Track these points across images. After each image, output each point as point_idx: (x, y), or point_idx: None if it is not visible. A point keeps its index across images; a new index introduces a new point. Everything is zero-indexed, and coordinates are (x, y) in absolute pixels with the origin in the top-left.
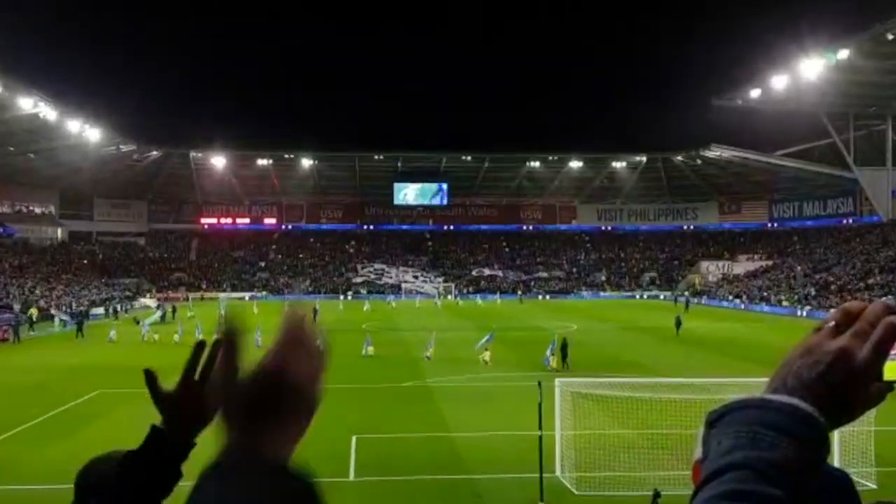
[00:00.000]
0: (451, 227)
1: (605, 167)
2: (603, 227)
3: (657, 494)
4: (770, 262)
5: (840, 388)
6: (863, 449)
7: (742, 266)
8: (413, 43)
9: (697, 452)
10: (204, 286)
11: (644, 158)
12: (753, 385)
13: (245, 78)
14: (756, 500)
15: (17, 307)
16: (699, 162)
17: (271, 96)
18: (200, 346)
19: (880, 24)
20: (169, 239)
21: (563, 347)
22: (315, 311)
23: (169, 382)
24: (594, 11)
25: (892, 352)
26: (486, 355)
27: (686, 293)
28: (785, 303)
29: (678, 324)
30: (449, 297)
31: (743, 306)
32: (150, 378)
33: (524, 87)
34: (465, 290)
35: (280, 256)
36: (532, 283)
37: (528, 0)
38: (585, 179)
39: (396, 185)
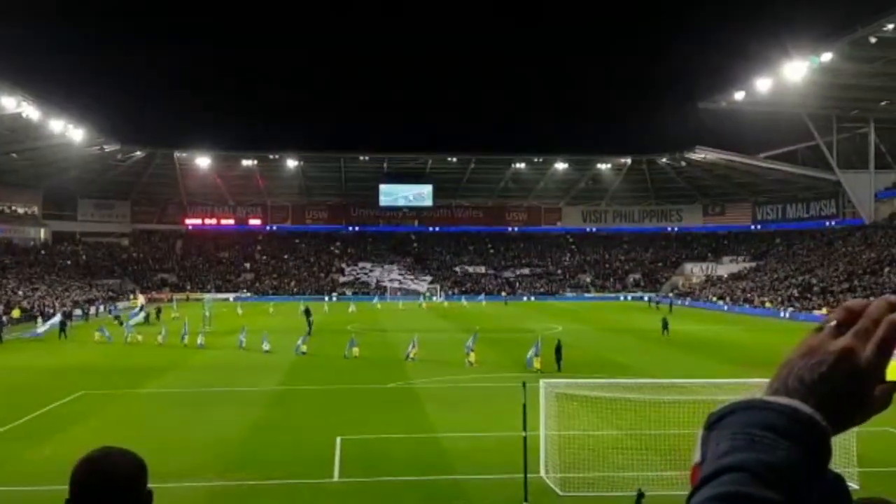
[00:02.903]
0: (437, 229)
1: (589, 169)
2: (588, 229)
3: (641, 494)
4: (753, 264)
5: (843, 389)
6: (846, 448)
7: (726, 268)
8: (399, 45)
9: (696, 455)
10: (188, 287)
11: (629, 160)
12: (739, 386)
13: (230, 78)
14: (751, 503)
15: None
16: (684, 164)
17: (256, 96)
18: None
19: (862, 27)
20: (153, 240)
21: (558, 350)
22: (308, 311)
23: (153, 383)
24: (579, 14)
25: None
26: (472, 357)
27: (671, 294)
28: (768, 304)
29: (665, 325)
30: (435, 298)
31: (726, 308)
32: None
33: (509, 89)
34: (449, 292)
35: (265, 258)
36: (517, 285)
37: (514, 4)
38: (570, 181)
39: (381, 187)
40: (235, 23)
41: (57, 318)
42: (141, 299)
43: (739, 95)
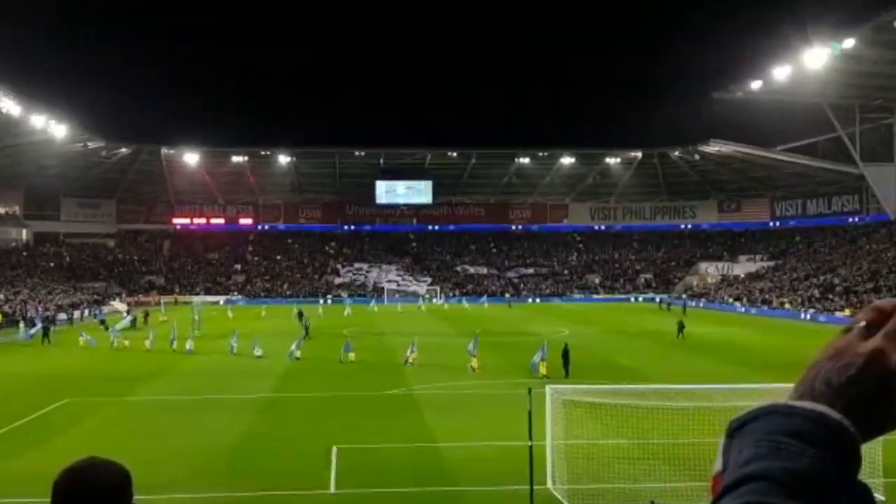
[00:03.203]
0: (436, 228)
1: (598, 163)
2: (596, 227)
3: None
4: (772, 263)
5: (873, 393)
6: (871, 458)
7: (742, 267)
8: (396, 37)
9: (717, 463)
10: (177, 290)
11: (639, 154)
12: (757, 391)
13: (219, 71)
14: None
15: None
16: (697, 158)
17: (247, 90)
18: None
19: (886, 12)
20: (140, 240)
21: (566, 354)
22: (301, 314)
23: (141, 390)
24: (589, 4)
25: None
26: (474, 362)
27: (684, 296)
28: (788, 306)
29: (680, 328)
30: (434, 300)
31: (743, 309)
32: None
33: (513, 81)
34: (450, 293)
35: (257, 258)
36: (521, 286)
37: (514, 4)
38: (577, 176)
39: (378, 184)
40: (222, 15)
41: (39, 327)
42: (118, 305)
43: (756, 85)
